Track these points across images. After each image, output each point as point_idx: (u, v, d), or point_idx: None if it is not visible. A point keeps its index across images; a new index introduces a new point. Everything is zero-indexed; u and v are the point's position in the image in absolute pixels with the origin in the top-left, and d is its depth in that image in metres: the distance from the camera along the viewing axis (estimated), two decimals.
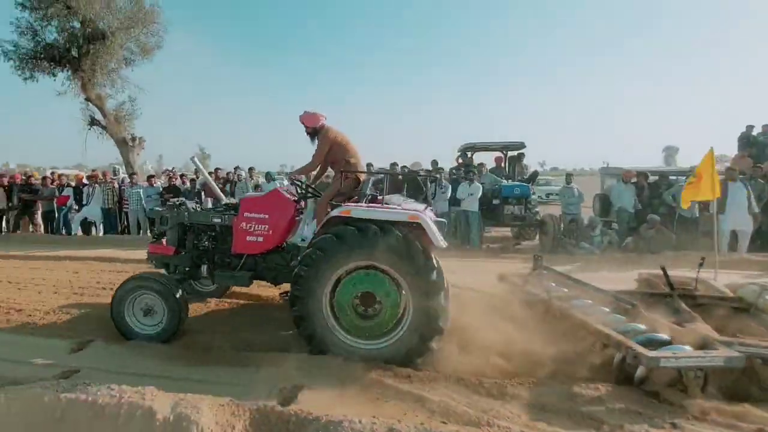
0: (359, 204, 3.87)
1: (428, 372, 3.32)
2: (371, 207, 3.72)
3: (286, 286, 4.15)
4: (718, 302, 3.87)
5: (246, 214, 4.17)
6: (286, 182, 5.20)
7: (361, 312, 3.57)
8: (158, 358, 3.64)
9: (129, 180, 10.74)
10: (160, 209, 4.86)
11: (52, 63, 13.63)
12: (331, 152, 4.20)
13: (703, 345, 3.04)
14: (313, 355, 3.52)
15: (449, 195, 9.17)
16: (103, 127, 14.56)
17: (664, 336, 3.20)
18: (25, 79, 13.60)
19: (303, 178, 4.39)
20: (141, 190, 10.18)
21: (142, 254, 5.00)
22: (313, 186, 4.50)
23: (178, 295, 3.99)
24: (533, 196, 10.09)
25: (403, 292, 3.52)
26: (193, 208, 4.60)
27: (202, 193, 9.01)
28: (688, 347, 3.02)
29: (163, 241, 4.58)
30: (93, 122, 14.62)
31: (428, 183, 6.76)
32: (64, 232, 10.63)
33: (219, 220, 4.38)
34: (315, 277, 3.54)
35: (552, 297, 3.97)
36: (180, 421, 2.41)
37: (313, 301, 3.55)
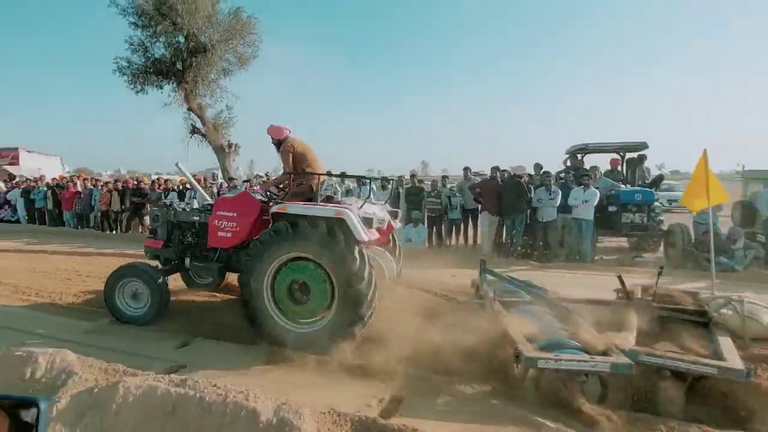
0: (297, 202, 4.39)
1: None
2: (305, 204, 4.32)
3: None
4: (676, 314, 3.86)
5: (218, 213, 4.75)
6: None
7: (295, 298, 4.12)
8: (260, 360, 3.79)
9: (226, 184, 11.58)
10: (155, 209, 5.62)
11: (159, 76, 15.26)
12: (294, 161, 4.84)
13: (604, 352, 3.08)
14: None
15: (558, 201, 8.68)
16: (203, 135, 15.96)
17: (574, 342, 3.24)
18: (137, 92, 15.35)
19: (274, 189, 5.11)
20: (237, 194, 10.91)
21: None
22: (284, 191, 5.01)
23: (159, 281, 4.78)
24: (656, 203, 9.15)
25: (331, 281, 3.98)
26: (180, 208, 5.37)
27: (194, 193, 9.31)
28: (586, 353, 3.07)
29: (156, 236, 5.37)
30: (194, 130, 16.09)
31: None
32: None
33: (198, 218, 5.11)
34: (256, 267, 4.13)
35: (492, 299, 4.16)
36: (283, 425, 2.43)
37: (256, 287, 4.11)
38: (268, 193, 5.12)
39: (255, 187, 5.49)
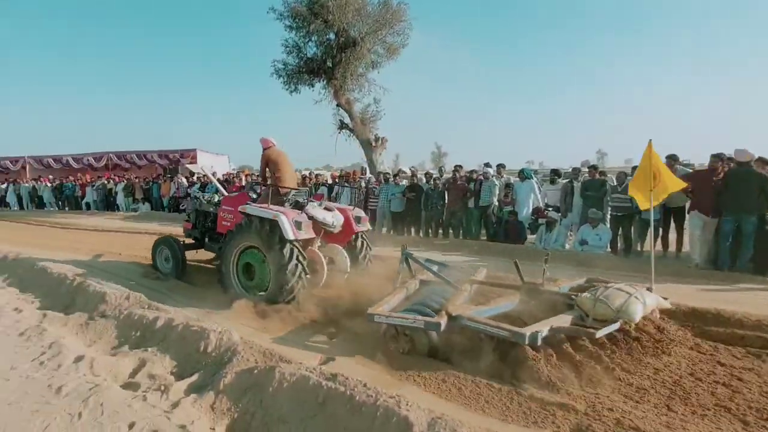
0: (259, 204, 5.80)
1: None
2: (259, 207, 5.64)
3: None
4: (555, 296, 4.45)
5: (223, 207, 6.66)
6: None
7: (249, 275, 5.73)
8: (415, 367, 3.81)
9: (375, 179, 12.13)
10: (189, 200, 8.12)
11: (311, 75, 16.63)
12: (268, 168, 6.47)
13: (439, 314, 3.99)
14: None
15: None
16: (351, 130, 16.98)
17: (428, 308, 4.19)
18: (291, 92, 16.98)
19: (252, 194, 6.41)
20: (389, 188, 11.27)
21: (386, 251, 7.21)
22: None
23: (179, 252, 6.95)
24: None
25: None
26: (205, 200, 7.30)
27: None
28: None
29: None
30: (342, 126, 17.22)
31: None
32: None
33: (212, 210, 7.03)
34: (226, 251, 5.82)
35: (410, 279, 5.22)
36: None
37: (226, 266, 5.82)
38: (253, 195, 6.41)
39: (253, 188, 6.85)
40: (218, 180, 17.05)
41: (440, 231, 10.75)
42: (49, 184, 23.24)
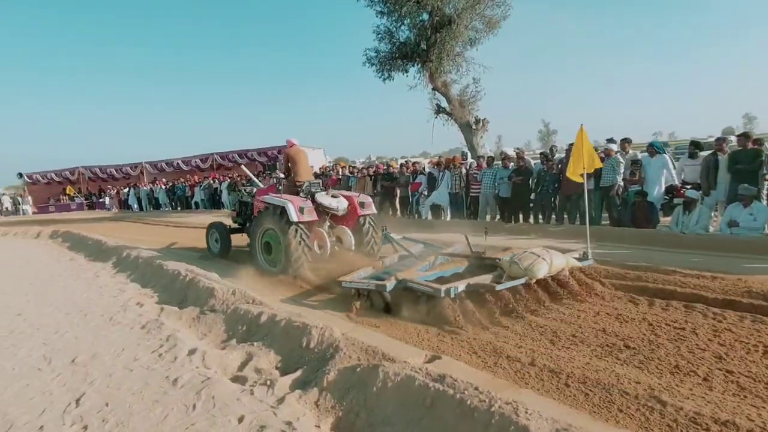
0: (275, 195, 7.40)
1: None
2: (275, 195, 7.32)
3: None
4: (491, 261, 5.51)
5: (257, 197, 8.18)
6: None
7: (269, 252, 7.27)
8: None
9: (476, 163, 11.80)
10: (234, 193, 11.85)
11: (404, 60, 16.60)
12: (288, 164, 8.02)
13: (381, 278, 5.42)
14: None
15: None
16: (448, 114, 16.70)
17: (390, 274, 5.44)
18: (384, 79, 17.10)
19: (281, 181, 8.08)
20: (494, 172, 10.90)
21: (497, 240, 7.60)
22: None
23: (224, 235, 8.89)
24: None
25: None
26: (246, 191, 9.14)
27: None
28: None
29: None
30: (439, 110, 17.00)
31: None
32: (416, 216, 12.78)
33: (250, 200, 8.72)
34: (253, 232, 7.53)
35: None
36: None
37: (252, 245, 7.56)
38: (280, 188, 7.94)
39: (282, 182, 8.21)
40: (314, 173, 17.91)
41: (553, 217, 10.15)
42: (163, 187, 25.96)
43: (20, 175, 34.61)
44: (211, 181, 23.04)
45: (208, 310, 5.32)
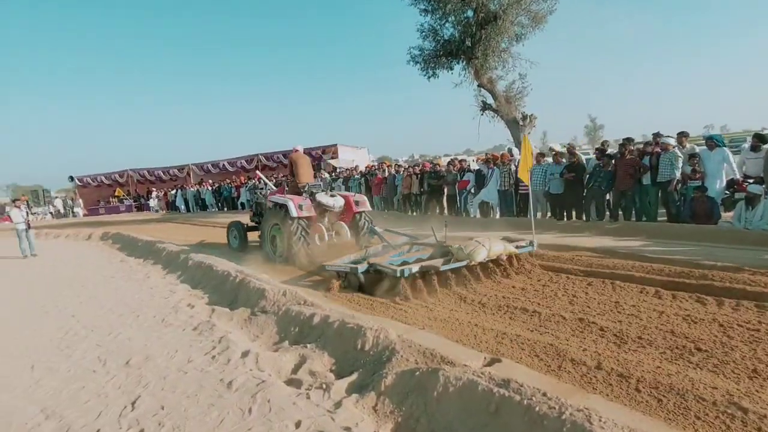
0: (281, 195, 9.04)
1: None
2: (281, 195, 8.89)
3: None
4: (446, 249, 6.39)
5: (268, 198, 9.37)
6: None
7: (274, 244, 8.86)
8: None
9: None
10: (252, 195, 11.70)
11: (449, 58, 16.45)
12: (292, 168, 9.55)
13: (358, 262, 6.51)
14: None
15: None
16: (494, 110, 16.45)
17: (366, 258, 6.60)
18: (428, 77, 17.00)
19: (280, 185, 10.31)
20: (544, 168, 10.68)
21: (547, 238, 8.31)
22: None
23: (241, 232, 10.49)
24: None
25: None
26: (262, 194, 10.48)
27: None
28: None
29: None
30: (485, 107, 16.76)
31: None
32: (464, 214, 12.65)
33: (263, 201, 10.09)
34: (263, 227, 9.27)
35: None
36: None
37: (262, 238, 9.26)
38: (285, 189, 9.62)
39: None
40: (360, 172, 18.06)
41: (608, 213, 9.86)
42: (209, 188, 26.78)
43: (71, 178, 36.64)
44: (256, 182, 23.66)
45: (260, 312, 5.41)
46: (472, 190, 12.58)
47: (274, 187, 10.79)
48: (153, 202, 31.78)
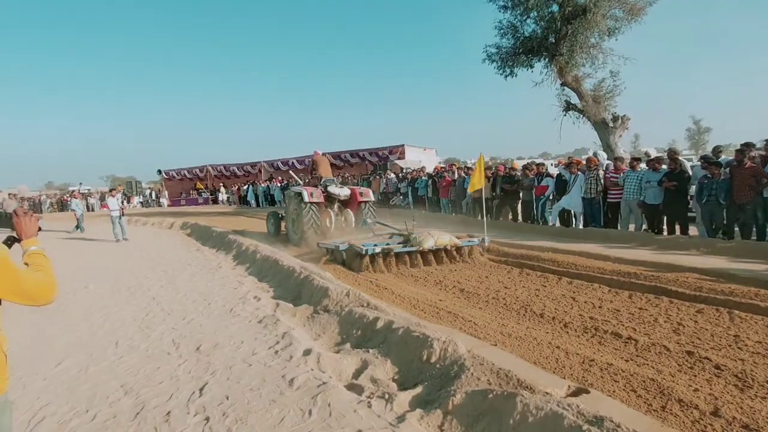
0: (302, 186, 11.51)
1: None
2: (299, 187, 11.53)
3: None
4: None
5: (291, 188, 12.54)
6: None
7: (295, 226, 11.28)
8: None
9: (612, 165, 10.65)
10: (287, 191, 14.06)
11: (529, 55, 15.79)
12: (313, 167, 12.43)
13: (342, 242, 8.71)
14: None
15: None
16: (580, 111, 15.57)
17: (351, 242, 8.61)
18: (506, 76, 16.40)
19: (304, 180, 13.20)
20: (640, 175, 9.71)
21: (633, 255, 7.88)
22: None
23: (276, 221, 12.95)
24: None
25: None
26: (293, 190, 11.88)
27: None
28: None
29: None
30: (569, 107, 15.92)
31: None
32: (541, 222, 11.99)
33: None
34: (287, 213, 12.07)
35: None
36: None
37: (287, 222, 12.08)
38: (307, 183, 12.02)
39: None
40: (427, 174, 17.77)
41: (721, 230, 8.59)
42: (279, 185, 27.54)
43: (159, 171, 39.51)
44: (290, 181, 24.13)
45: (322, 310, 5.33)
46: (551, 197, 11.88)
47: (301, 182, 13.11)
48: (222, 196, 33.67)
